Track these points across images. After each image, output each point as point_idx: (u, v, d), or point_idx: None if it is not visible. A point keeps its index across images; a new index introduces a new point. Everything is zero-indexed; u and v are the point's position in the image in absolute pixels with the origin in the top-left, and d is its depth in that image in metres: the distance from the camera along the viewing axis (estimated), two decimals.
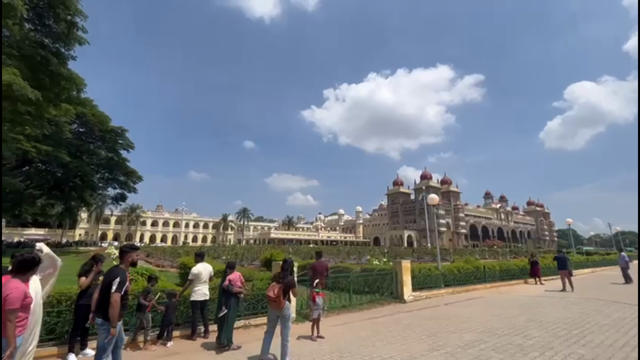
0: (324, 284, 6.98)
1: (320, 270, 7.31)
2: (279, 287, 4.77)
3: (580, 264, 22.62)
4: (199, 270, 6.16)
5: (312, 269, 7.38)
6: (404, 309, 9.02)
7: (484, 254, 37.03)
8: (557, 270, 15.22)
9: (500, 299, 10.67)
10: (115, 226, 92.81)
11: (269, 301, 4.75)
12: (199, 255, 6.47)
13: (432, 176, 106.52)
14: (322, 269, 7.37)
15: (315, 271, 7.22)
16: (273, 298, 4.74)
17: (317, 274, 7.02)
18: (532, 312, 8.37)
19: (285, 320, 4.73)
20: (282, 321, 4.73)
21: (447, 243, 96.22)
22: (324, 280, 7.12)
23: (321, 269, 7.37)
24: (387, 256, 23.87)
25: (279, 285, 4.77)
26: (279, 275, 4.89)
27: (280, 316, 4.74)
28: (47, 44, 16.59)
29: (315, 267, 7.40)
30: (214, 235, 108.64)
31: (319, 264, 7.51)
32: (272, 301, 4.74)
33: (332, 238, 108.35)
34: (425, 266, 12.28)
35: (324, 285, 7.03)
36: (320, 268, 7.37)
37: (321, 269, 7.36)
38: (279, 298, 4.77)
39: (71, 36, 16.63)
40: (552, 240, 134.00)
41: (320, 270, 7.29)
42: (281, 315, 4.73)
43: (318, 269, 7.31)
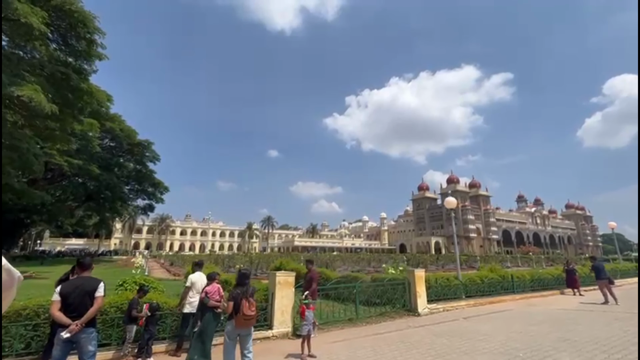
0: (315, 296, 6.41)
1: (314, 280, 6.74)
2: (253, 302, 4.30)
3: (627, 272, 20.29)
4: (196, 279, 5.84)
5: (307, 279, 6.81)
6: (417, 323, 8.22)
7: (516, 260, 34.53)
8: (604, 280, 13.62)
9: (528, 312, 9.54)
10: (146, 235, 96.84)
11: (246, 320, 4.26)
12: (198, 264, 6.15)
13: (460, 180, 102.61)
14: (315, 279, 6.77)
15: (311, 281, 6.66)
16: (253, 315, 4.30)
17: (311, 285, 6.49)
18: (565, 329, 7.30)
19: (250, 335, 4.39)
20: (247, 338, 4.34)
21: (477, 250, 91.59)
22: (315, 292, 6.54)
23: (314, 279, 6.79)
24: (404, 264, 22.73)
25: (250, 300, 4.29)
26: (246, 290, 4.38)
27: (247, 333, 4.32)
28: (70, 62, 17.52)
29: (311, 277, 6.81)
30: (240, 244, 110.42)
31: (313, 273, 6.92)
32: (251, 319, 4.29)
33: (357, 245, 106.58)
34: (444, 275, 11.32)
35: (315, 297, 6.44)
36: (314, 278, 6.78)
37: (314, 279, 6.78)
38: (256, 315, 4.33)
39: (91, 52, 17.43)
40: (596, 245, 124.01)
41: (314, 281, 6.72)
42: (248, 333, 4.32)
43: (313, 279, 6.74)
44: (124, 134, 37.78)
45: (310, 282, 6.80)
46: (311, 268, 7.18)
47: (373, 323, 8.30)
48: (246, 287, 4.37)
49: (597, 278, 11.84)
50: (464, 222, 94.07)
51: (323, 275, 11.66)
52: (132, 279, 8.04)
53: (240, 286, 4.38)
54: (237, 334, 4.31)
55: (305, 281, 6.88)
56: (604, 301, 11.06)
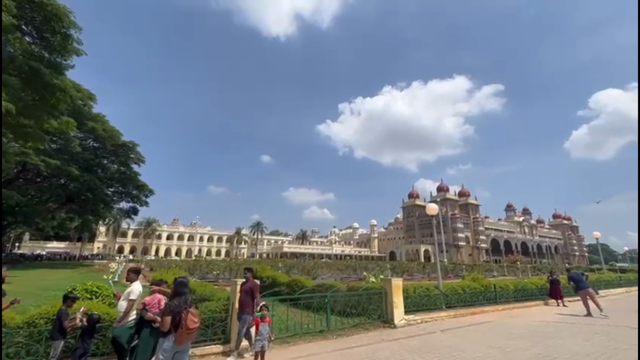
0: (253, 310, 5.76)
1: (254, 291, 5.96)
2: (194, 312, 3.78)
3: (611, 282, 20.22)
4: (140, 290, 5.20)
5: (245, 291, 5.98)
6: (391, 336, 7.73)
7: (503, 269, 34.41)
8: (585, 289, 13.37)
9: (509, 324, 9.14)
10: (131, 239, 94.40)
11: (189, 334, 3.72)
12: (135, 271, 5.36)
13: (449, 188, 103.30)
14: (255, 290, 5.98)
15: (250, 293, 5.90)
16: (196, 328, 3.77)
17: (249, 297, 5.81)
18: (545, 343, 6.91)
19: (188, 351, 3.87)
20: (184, 355, 3.81)
21: (466, 258, 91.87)
22: (255, 305, 5.85)
23: (254, 290, 6.00)
24: (383, 273, 22.24)
25: (191, 310, 3.76)
26: (185, 300, 3.84)
27: (186, 349, 3.79)
28: (44, 56, 16.81)
29: (250, 288, 5.97)
30: (228, 249, 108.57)
31: (251, 283, 6.09)
32: (194, 332, 3.76)
33: (346, 252, 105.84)
34: (424, 285, 10.89)
35: (253, 312, 5.76)
36: (253, 289, 5.99)
37: (254, 290, 5.99)
38: (198, 326, 3.80)
39: (67, 48, 16.76)
40: (582, 255, 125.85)
41: (254, 292, 5.96)
42: (187, 348, 3.79)
43: (254, 290, 5.96)
44: (107, 134, 36.77)
45: (250, 294, 5.87)
46: (249, 277, 6.20)
47: (345, 335, 7.79)
48: (184, 297, 3.84)
49: (578, 289, 11.58)
50: (453, 231, 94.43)
51: (298, 283, 11.12)
52: (83, 286, 7.36)
53: (178, 296, 3.84)
54: (176, 351, 3.76)
55: (242, 293, 5.97)
56: (587, 313, 10.72)
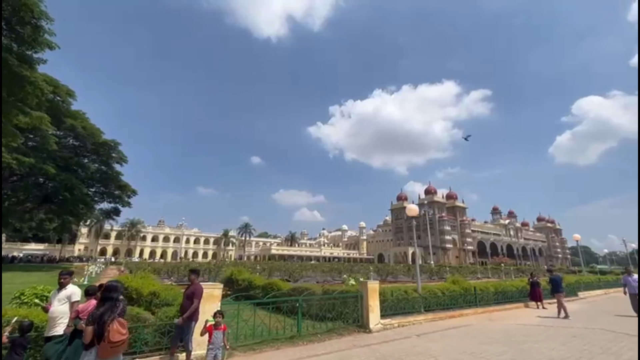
0: (197, 317, 5.30)
1: (196, 296, 5.41)
2: (122, 322, 3.34)
3: (591, 284, 20.44)
4: (80, 293, 4.74)
5: (187, 295, 5.44)
6: (364, 341, 7.41)
7: (487, 272, 34.65)
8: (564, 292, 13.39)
9: (487, 328, 8.94)
10: (115, 241, 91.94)
11: (114, 348, 3.26)
12: (70, 274, 4.83)
13: (437, 191, 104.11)
14: (198, 295, 5.42)
15: (192, 297, 5.35)
16: (123, 340, 3.32)
17: (192, 302, 5.30)
18: (520, 348, 6.70)
19: None
20: None
21: (453, 260, 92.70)
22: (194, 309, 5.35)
23: (196, 294, 5.44)
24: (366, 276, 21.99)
25: (120, 320, 3.33)
26: (112, 307, 3.41)
27: None
28: (12, 47, 16.00)
29: (193, 292, 5.41)
30: (215, 251, 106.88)
31: (195, 287, 5.51)
32: (121, 345, 3.31)
33: (335, 255, 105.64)
34: (402, 288, 10.63)
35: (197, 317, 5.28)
36: (196, 293, 5.43)
37: (196, 295, 5.43)
38: (127, 337, 3.36)
39: (38, 39, 15.99)
40: (565, 257, 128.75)
41: (196, 297, 5.40)
42: None
43: (196, 295, 5.40)
44: (86, 132, 35.58)
45: (191, 299, 5.32)
46: (194, 280, 5.59)
47: (317, 341, 7.43)
48: (112, 305, 3.40)
49: (555, 291, 11.60)
50: (440, 233, 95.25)
51: (274, 286, 10.72)
52: (33, 290, 6.83)
53: (104, 303, 3.41)
54: None
55: (184, 297, 5.41)
56: (565, 316, 10.68)
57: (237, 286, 12.15)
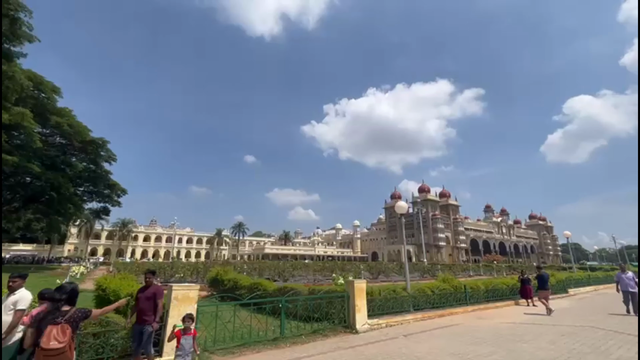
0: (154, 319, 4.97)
1: (157, 297, 4.99)
2: (64, 328, 3.02)
3: (581, 281, 20.51)
4: (30, 299, 4.32)
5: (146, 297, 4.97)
6: (350, 342, 7.17)
7: (479, 269, 34.75)
8: (551, 290, 13.36)
9: (476, 327, 8.77)
10: (106, 241, 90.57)
11: (47, 357, 2.91)
12: (21, 277, 4.16)
13: (430, 189, 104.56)
14: (159, 296, 5.01)
15: (152, 300, 4.95)
16: (59, 349, 2.98)
17: (151, 304, 4.91)
18: (508, 348, 6.52)
19: None
20: None
21: (447, 258, 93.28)
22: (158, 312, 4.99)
23: (157, 296, 5.01)
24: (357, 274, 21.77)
25: (62, 326, 3.02)
26: (56, 311, 3.10)
27: None
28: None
29: (154, 293, 4.99)
30: (208, 251, 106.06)
31: (155, 288, 5.07)
32: (56, 355, 2.97)
33: (329, 253, 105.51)
34: (390, 287, 10.42)
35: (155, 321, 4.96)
36: (157, 295, 5.01)
37: (158, 296, 5.01)
38: (68, 347, 3.03)
39: (17, 33, 15.41)
40: (556, 254, 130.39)
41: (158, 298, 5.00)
42: None
43: (157, 296, 4.99)
44: (73, 130, 34.74)
45: (152, 300, 4.91)
46: (151, 281, 5.08)
47: (301, 343, 7.18)
48: (53, 307, 3.09)
49: (541, 288, 11.60)
50: (433, 231, 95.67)
51: (259, 286, 10.43)
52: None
53: (51, 303, 3.10)
54: None
55: (142, 299, 4.90)
56: (548, 312, 10.81)
57: (222, 286, 11.83)
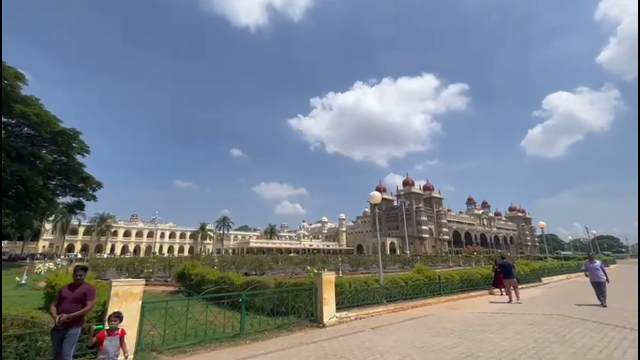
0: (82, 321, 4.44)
1: (87, 297, 4.35)
2: None
3: (554, 270, 20.99)
4: None
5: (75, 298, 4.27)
6: (313, 337, 6.84)
7: (458, 260, 35.32)
8: (521, 279, 13.52)
9: (446, 318, 8.61)
10: (83, 237, 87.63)
11: None
12: None
13: (415, 182, 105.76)
14: (90, 296, 4.38)
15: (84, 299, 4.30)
16: None
17: (80, 306, 4.26)
18: (474, 339, 6.33)
19: None
20: None
21: (430, 250, 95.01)
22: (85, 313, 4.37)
23: (88, 295, 4.38)
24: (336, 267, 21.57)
25: None
26: None
27: None
28: None
29: (84, 293, 4.33)
30: (192, 246, 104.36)
31: (87, 287, 4.42)
32: None
33: (315, 246, 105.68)
34: (362, 278, 10.17)
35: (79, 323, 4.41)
36: (88, 294, 4.37)
37: (89, 296, 4.38)
38: None
39: None
40: (534, 245, 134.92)
41: (88, 298, 4.36)
42: None
43: (88, 296, 4.36)
44: (40, 120, 32.89)
45: (82, 301, 4.28)
46: (82, 280, 4.43)
47: (262, 339, 6.78)
48: None
49: (505, 277, 11.66)
50: (417, 223, 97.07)
51: (227, 280, 9.97)
52: None
53: None
54: None
55: (69, 300, 4.24)
56: (509, 301, 11.13)
57: (189, 281, 11.30)
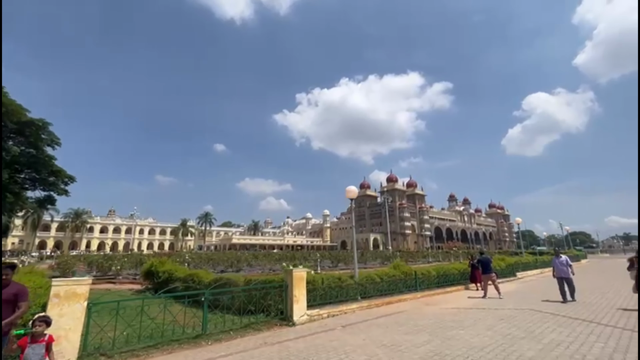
0: (13, 325, 4.02)
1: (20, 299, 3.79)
2: None
3: (528, 265, 21.49)
4: None
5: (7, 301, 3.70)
6: (280, 337, 6.53)
7: (438, 256, 35.87)
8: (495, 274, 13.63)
9: (420, 314, 8.50)
10: (57, 233, 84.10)
11: None
12: None
13: (398, 179, 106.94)
14: (22, 297, 3.79)
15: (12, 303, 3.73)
16: None
17: (10, 308, 3.70)
18: (444, 336, 6.19)
19: None
20: None
21: (412, 245, 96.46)
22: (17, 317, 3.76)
23: (20, 296, 3.80)
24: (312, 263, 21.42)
25: None
26: None
27: None
28: None
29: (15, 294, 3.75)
30: (173, 242, 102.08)
31: (18, 288, 3.85)
32: None
33: (299, 242, 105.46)
34: (336, 275, 9.93)
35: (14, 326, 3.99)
36: (19, 295, 3.79)
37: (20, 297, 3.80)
38: None
39: None
40: (512, 241, 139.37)
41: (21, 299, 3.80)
42: None
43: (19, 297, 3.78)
44: (5, 109, 30.89)
45: (13, 303, 3.72)
46: (9, 280, 3.81)
47: (227, 340, 6.43)
48: None
49: (483, 272, 11.74)
50: (400, 220, 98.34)
51: (195, 278, 9.52)
52: None
53: None
54: None
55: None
56: (483, 296, 11.24)
57: (157, 279, 10.78)
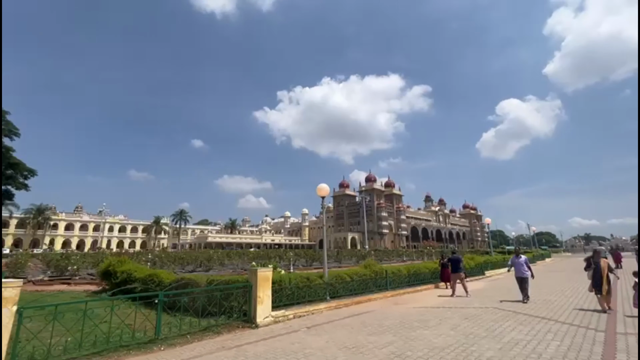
0: None
1: None
2: None
3: (497, 263, 22.22)
4: None
5: None
6: (239, 340, 6.22)
7: (412, 255, 36.51)
8: (467, 273, 13.92)
9: (386, 314, 8.43)
10: (16, 230, 78.78)
11: None
12: None
13: (377, 179, 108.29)
14: None
15: None
16: None
17: None
18: (408, 336, 6.11)
19: None
20: None
21: (389, 244, 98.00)
22: None
23: None
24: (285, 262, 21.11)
25: None
26: None
27: None
28: None
29: None
30: (145, 240, 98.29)
31: None
32: None
33: (277, 241, 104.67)
34: (304, 274, 9.71)
35: None
36: None
37: None
38: None
39: None
40: (484, 240, 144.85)
41: None
42: None
43: None
44: None
45: None
46: None
47: (182, 344, 6.04)
48: None
49: (453, 271, 11.92)
50: (378, 219, 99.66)
51: (155, 278, 9.00)
52: None
53: None
54: None
55: None
56: (452, 294, 11.43)
57: (114, 279, 10.11)
